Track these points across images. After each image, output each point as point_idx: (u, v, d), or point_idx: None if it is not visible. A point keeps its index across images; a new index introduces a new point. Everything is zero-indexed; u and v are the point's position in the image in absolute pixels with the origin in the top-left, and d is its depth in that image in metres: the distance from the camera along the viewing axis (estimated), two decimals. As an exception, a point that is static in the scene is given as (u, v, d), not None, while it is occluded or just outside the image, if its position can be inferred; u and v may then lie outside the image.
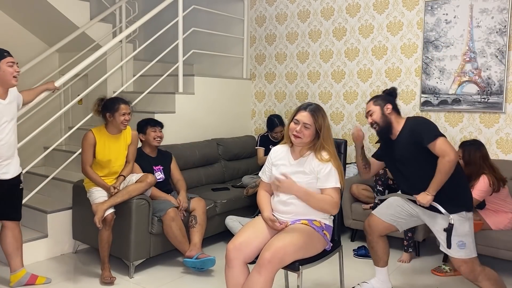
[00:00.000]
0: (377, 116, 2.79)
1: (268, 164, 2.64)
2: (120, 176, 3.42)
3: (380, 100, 2.83)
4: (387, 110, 2.79)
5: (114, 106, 3.34)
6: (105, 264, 3.29)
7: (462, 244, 2.60)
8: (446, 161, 2.55)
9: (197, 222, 3.56)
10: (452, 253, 2.63)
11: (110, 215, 3.24)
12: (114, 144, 3.40)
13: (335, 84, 4.82)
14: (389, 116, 2.78)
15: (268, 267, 2.23)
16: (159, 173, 3.71)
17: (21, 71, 4.58)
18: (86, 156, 3.35)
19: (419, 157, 2.67)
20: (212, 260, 3.37)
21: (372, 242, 3.00)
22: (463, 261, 2.61)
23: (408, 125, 2.75)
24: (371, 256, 3.06)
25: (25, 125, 4.32)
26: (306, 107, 2.49)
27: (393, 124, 2.78)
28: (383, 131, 2.81)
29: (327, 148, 2.47)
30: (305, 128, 2.45)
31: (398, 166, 2.81)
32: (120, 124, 3.35)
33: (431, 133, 2.63)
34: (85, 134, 3.37)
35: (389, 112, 2.79)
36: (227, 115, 5.13)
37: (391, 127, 2.79)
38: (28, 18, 4.82)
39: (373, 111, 2.81)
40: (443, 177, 2.58)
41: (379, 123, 2.79)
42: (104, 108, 3.38)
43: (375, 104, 2.82)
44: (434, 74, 4.22)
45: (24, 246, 3.53)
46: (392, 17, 4.43)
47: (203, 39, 5.50)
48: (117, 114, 3.33)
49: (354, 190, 4.08)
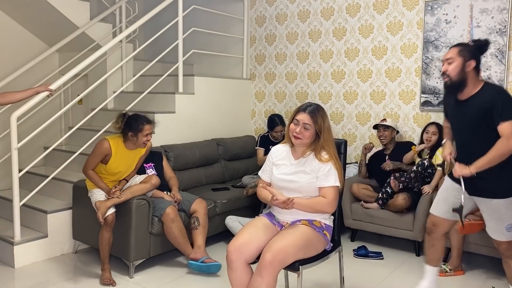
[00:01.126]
0: (454, 68, 2.47)
1: (269, 163, 2.63)
2: (123, 180, 3.42)
3: (467, 52, 2.48)
4: (469, 67, 2.47)
5: (138, 126, 3.21)
6: (106, 264, 3.29)
7: (510, 227, 2.54)
8: (508, 144, 2.35)
9: (199, 224, 3.56)
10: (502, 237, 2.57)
11: (111, 215, 3.23)
12: (128, 157, 3.36)
13: (335, 84, 4.82)
14: (467, 74, 2.46)
15: (269, 269, 2.23)
16: (151, 169, 3.71)
17: (21, 71, 4.65)
18: (93, 161, 3.25)
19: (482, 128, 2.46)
20: (218, 266, 3.36)
21: (435, 240, 2.84)
22: (507, 242, 2.57)
23: (487, 92, 2.46)
24: (428, 256, 2.90)
25: (25, 125, 4.33)
26: (306, 108, 2.48)
27: (467, 84, 2.48)
28: (452, 87, 2.52)
29: (327, 149, 2.47)
30: (304, 129, 2.44)
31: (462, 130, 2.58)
32: (142, 144, 3.28)
33: (510, 112, 2.37)
34: (101, 141, 3.25)
35: (469, 70, 2.47)
36: (227, 115, 5.13)
37: (463, 87, 2.48)
38: (28, 18, 4.82)
39: (453, 60, 2.49)
40: (496, 158, 2.39)
41: (453, 77, 2.48)
42: (127, 126, 3.24)
43: (459, 54, 2.48)
44: (434, 74, 4.21)
45: (24, 246, 3.56)
46: (392, 17, 4.43)
47: (203, 39, 5.50)
48: (140, 134, 3.23)
49: (354, 190, 4.09)
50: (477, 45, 2.54)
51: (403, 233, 3.81)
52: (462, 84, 2.48)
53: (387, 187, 3.87)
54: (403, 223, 3.78)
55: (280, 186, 2.53)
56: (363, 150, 4.24)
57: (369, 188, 4.10)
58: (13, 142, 3.44)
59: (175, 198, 3.58)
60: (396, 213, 3.81)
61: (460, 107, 2.55)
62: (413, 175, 3.79)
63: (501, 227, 2.56)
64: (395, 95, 4.46)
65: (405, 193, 3.78)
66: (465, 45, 2.55)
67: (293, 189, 2.48)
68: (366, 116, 4.65)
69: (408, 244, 4.00)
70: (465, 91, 2.50)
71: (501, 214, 2.54)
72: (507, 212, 2.53)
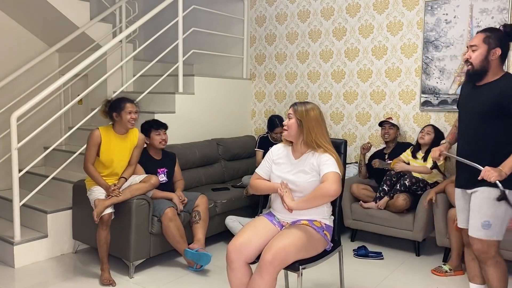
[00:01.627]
0: (478, 56, 2.36)
1: (268, 160, 2.63)
2: (122, 178, 3.42)
3: (493, 38, 2.35)
4: (494, 55, 2.34)
5: (120, 105, 3.34)
6: (104, 264, 3.29)
7: (487, 224, 2.38)
8: None
9: (200, 218, 3.59)
10: (474, 232, 2.43)
11: (108, 215, 3.23)
12: (119, 144, 3.40)
13: (335, 84, 4.82)
14: (491, 62, 2.35)
15: (269, 269, 2.23)
16: (162, 175, 3.71)
17: (21, 71, 4.65)
18: (89, 154, 3.33)
19: (492, 115, 2.35)
20: (208, 256, 3.36)
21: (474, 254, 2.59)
22: (481, 242, 2.43)
23: (506, 81, 2.34)
24: (470, 272, 2.71)
25: (25, 125, 4.33)
26: (295, 104, 2.53)
27: (489, 72, 2.36)
28: (474, 75, 2.40)
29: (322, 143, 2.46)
30: (289, 119, 2.50)
31: (470, 115, 2.44)
32: (127, 122, 3.34)
33: None
34: (92, 132, 3.36)
35: (493, 59, 2.34)
36: (227, 115, 5.13)
37: (485, 75, 2.37)
38: (28, 18, 4.82)
39: (477, 47, 2.36)
40: None
41: (475, 65, 2.37)
42: (110, 109, 3.37)
43: (484, 42, 2.35)
44: (434, 74, 4.21)
45: (24, 246, 3.56)
46: (392, 17, 4.43)
47: (203, 39, 5.50)
48: (123, 113, 3.32)
49: (354, 190, 4.09)
50: (506, 31, 2.38)
51: (403, 233, 3.81)
52: (485, 73, 2.37)
53: (383, 185, 3.89)
54: (403, 223, 3.78)
55: (280, 185, 2.53)
56: (361, 150, 4.25)
57: (368, 188, 4.10)
58: (13, 142, 3.44)
59: (182, 198, 3.60)
60: (396, 213, 3.81)
61: (475, 92, 2.43)
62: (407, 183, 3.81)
63: (477, 221, 2.42)
64: (395, 95, 4.46)
65: (405, 194, 3.78)
66: (493, 30, 2.39)
67: (293, 189, 2.48)
68: (366, 116, 4.65)
69: (408, 244, 4.00)
70: (484, 78, 2.39)
71: (481, 206, 2.41)
72: (488, 206, 2.38)
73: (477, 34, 2.42)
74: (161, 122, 3.77)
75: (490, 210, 2.39)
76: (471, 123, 2.45)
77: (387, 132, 4.17)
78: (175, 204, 3.52)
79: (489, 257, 2.45)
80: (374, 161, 4.11)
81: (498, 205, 2.38)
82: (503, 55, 2.36)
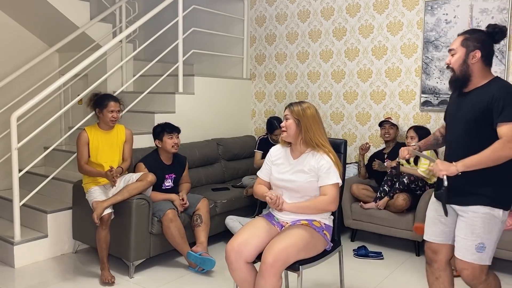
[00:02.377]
0: (457, 61, 2.19)
1: (268, 162, 2.64)
2: (119, 167, 3.43)
3: (472, 41, 2.16)
4: (473, 58, 2.15)
5: (103, 102, 3.39)
6: (104, 264, 3.29)
7: (481, 247, 2.16)
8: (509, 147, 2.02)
9: (202, 221, 3.58)
10: (467, 256, 2.17)
11: (107, 215, 3.24)
12: (106, 139, 3.45)
13: (335, 84, 4.82)
14: (471, 66, 2.16)
15: (271, 271, 2.24)
16: (169, 180, 3.71)
17: (21, 71, 4.65)
18: (81, 154, 3.39)
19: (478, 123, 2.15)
20: (212, 262, 3.36)
21: (439, 270, 2.39)
22: (470, 265, 2.18)
23: (493, 87, 2.14)
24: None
25: (25, 125, 4.33)
26: (290, 105, 2.55)
27: (472, 77, 2.17)
28: (456, 82, 2.23)
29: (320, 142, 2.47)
30: (286, 120, 2.52)
31: (457, 123, 2.26)
32: (109, 121, 3.39)
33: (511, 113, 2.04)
34: (79, 134, 3.43)
35: (474, 62, 2.16)
36: (227, 115, 5.13)
37: (468, 81, 2.19)
38: (28, 18, 4.82)
39: (456, 51, 2.20)
40: (490, 159, 2.04)
41: (456, 70, 2.20)
42: (94, 104, 3.43)
43: (462, 44, 2.18)
44: (434, 74, 4.22)
45: (24, 246, 3.55)
46: (392, 17, 4.43)
47: (203, 39, 5.50)
48: (105, 110, 3.38)
49: (354, 190, 4.09)
50: (489, 32, 2.19)
51: (403, 233, 3.81)
52: (466, 79, 2.19)
53: (384, 186, 3.89)
54: (403, 223, 3.78)
55: (279, 185, 2.53)
56: (359, 151, 4.25)
57: (368, 188, 4.10)
58: (13, 142, 3.44)
59: (184, 202, 3.59)
60: (396, 213, 3.82)
61: (461, 99, 2.26)
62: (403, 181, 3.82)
63: (471, 244, 2.16)
64: (395, 95, 4.46)
65: (405, 194, 3.78)
66: (473, 32, 2.22)
67: (292, 189, 2.49)
68: (366, 116, 4.65)
69: (408, 244, 4.00)
70: (469, 85, 2.20)
71: (476, 227, 2.16)
72: (483, 226, 2.14)
73: (458, 36, 2.25)
74: (174, 126, 3.71)
75: (485, 232, 2.15)
76: (460, 132, 2.24)
77: (387, 132, 4.17)
78: (176, 206, 3.53)
79: (481, 281, 2.22)
80: (374, 163, 4.11)
81: (493, 226, 2.16)
82: (487, 58, 2.18)
